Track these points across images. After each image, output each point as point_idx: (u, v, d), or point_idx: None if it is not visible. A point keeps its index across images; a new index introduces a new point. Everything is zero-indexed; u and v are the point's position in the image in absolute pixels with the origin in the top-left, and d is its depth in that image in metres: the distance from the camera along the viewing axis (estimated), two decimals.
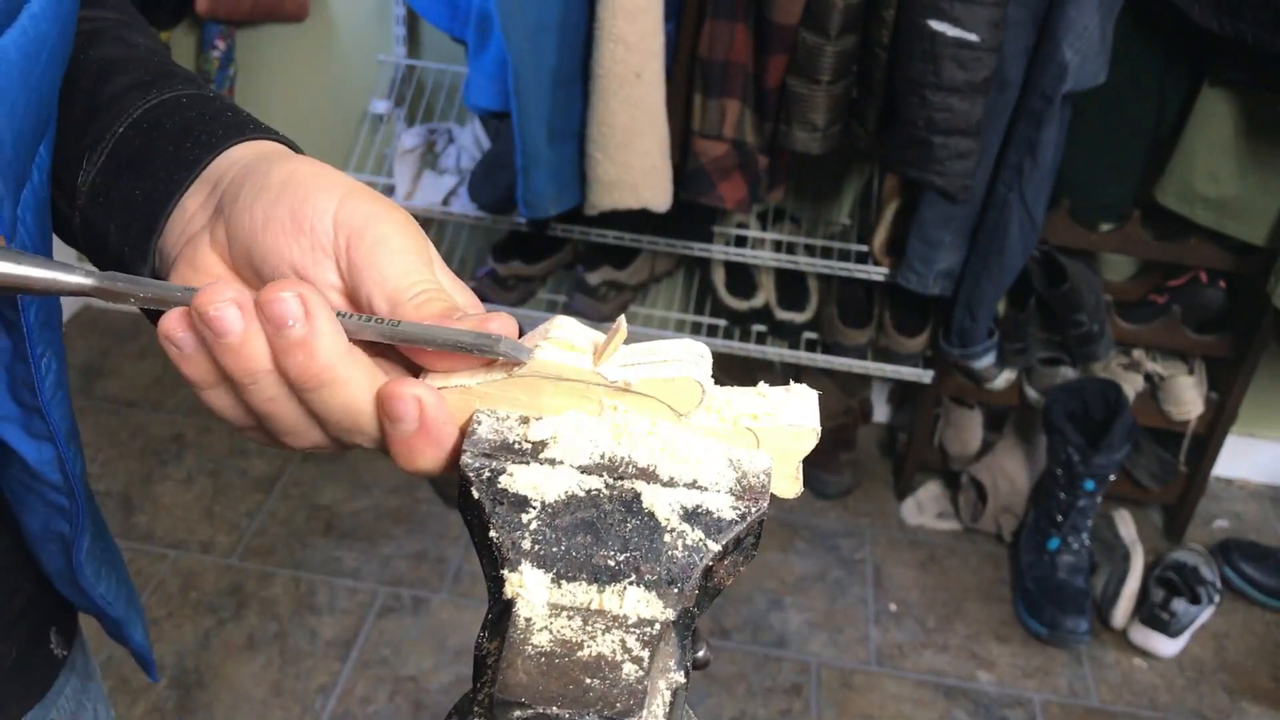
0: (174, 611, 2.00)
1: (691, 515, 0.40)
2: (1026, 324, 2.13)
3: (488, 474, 0.41)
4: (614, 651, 0.36)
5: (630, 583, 0.38)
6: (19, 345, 0.51)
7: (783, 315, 2.25)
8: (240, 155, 0.50)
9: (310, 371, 0.42)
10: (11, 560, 0.63)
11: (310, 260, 0.45)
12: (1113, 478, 2.14)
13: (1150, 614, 2.08)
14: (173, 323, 0.43)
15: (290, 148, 0.52)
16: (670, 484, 0.41)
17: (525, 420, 0.42)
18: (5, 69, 0.46)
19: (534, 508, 0.40)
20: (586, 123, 1.83)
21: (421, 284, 0.44)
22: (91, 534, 0.64)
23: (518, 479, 0.41)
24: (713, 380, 0.43)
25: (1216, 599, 2.13)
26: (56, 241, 0.54)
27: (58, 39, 0.50)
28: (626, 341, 0.43)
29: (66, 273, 0.42)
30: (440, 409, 0.42)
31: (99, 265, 0.51)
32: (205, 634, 1.97)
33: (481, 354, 0.41)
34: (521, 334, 0.43)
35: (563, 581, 0.38)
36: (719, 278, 2.28)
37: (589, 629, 0.37)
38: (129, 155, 0.51)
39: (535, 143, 1.83)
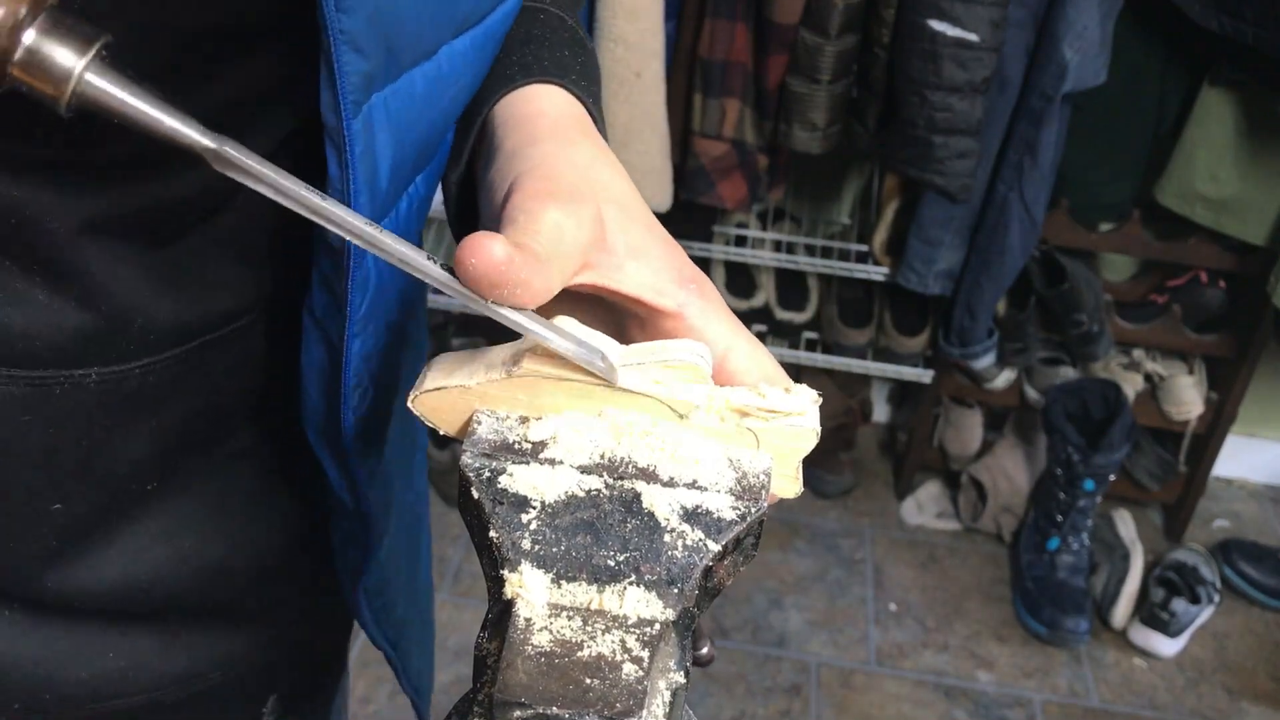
0: None
1: (691, 515, 0.40)
2: (1026, 324, 2.13)
3: (488, 474, 0.41)
4: (614, 651, 0.36)
5: (630, 583, 0.38)
6: (336, 370, 0.51)
7: (783, 315, 2.25)
8: (517, 114, 0.48)
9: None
10: (252, 619, 0.63)
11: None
12: (1113, 478, 2.14)
13: (1150, 614, 2.08)
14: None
15: (586, 107, 0.50)
16: (670, 484, 0.41)
17: (525, 420, 0.42)
18: (405, 102, 0.45)
19: (534, 508, 0.40)
20: None
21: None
22: (378, 577, 0.64)
23: (518, 479, 0.41)
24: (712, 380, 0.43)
25: (1216, 599, 2.13)
26: None
27: (470, 81, 0.49)
28: (626, 342, 0.43)
29: (185, 124, 0.38)
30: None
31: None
32: None
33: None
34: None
35: (563, 581, 0.38)
36: (719, 277, 2.28)
37: (589, 629, 0.37)
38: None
39: None
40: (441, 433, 0.44)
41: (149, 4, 0.40)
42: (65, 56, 0.35)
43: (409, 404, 0.44)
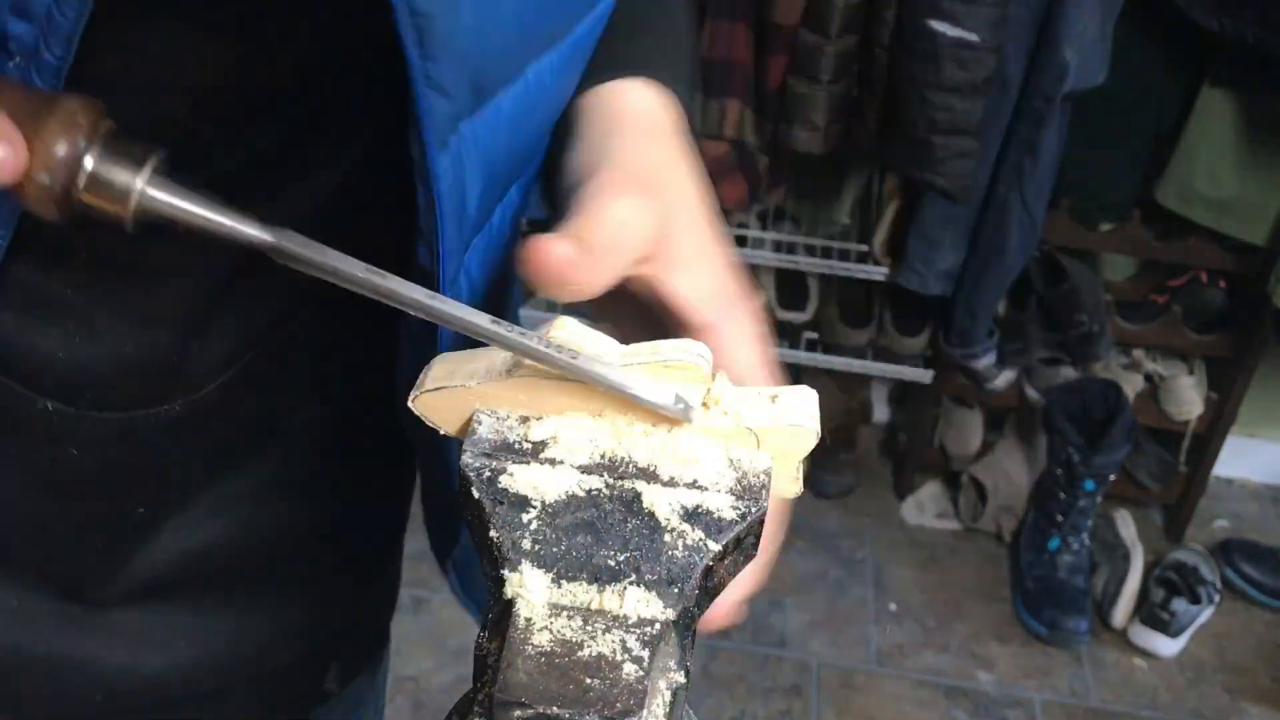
0: None
1: (691, 515, 0.40)
2: (1026, 324, 2.13)
3: (488, 474, 0.41)
4: (614, 651, 0.36)
5: (630, 582, 0.38)
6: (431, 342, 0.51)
7: (783, 315, 2.25)
8: (602, 107, 0.49)
9: None
10: (319, 597, 0.64)
11: None
12: (1113, 478, 2.14)
13: (1150, 614, 2.08)
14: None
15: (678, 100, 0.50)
16: (670, 484, 0.41)
17: (525, 420, 0.42)
18: (492, 128, 0.45)
19: (534, 507, 0.40)
20: None
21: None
22: (468, 550, 0.64)
23: (518, 479, 0.41)
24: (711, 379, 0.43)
25: (1216, 599, 2.13)
26: None
27: (560, 94, 0.49)
28: (626, 341, 0.43)
29: (243, 223, 0.40)
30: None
31: None
32: None
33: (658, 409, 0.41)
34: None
35: (563, 581, 0.38)
36: None
37: (589, 629, 0.37)
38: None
39: None
40: (442, 433, 0.44)
41: (229, 56, 0.42)
42: (125, 176, 0.38)
43: (409, 404, 0.44)
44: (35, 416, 0.49)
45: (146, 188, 0.38)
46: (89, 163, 0.38)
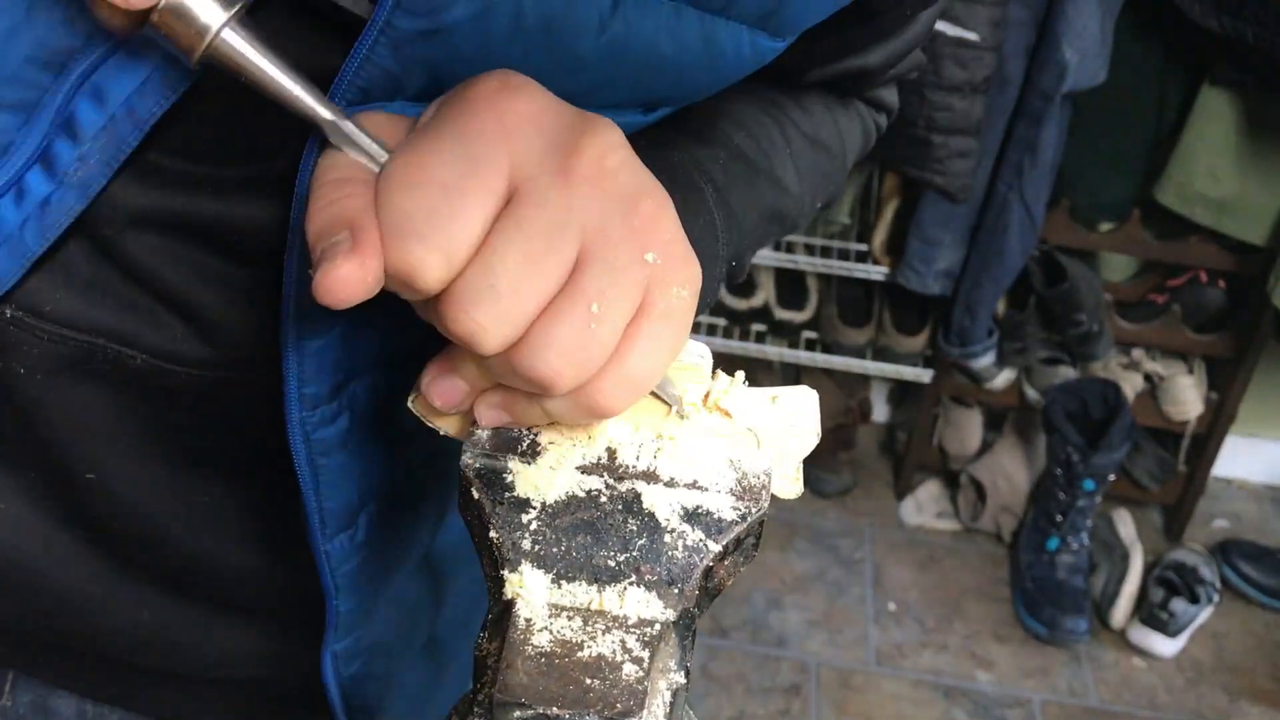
0: None
1: (692, 515, 0.40)
2: (1026, 323, 2.13)
3: (488, 474, 0.41)
4: (614, 652, 0.36)
5: (630, 583, 0.38)
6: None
7: (782, 314, 2.25)
8: None
9: None
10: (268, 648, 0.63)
11: None
12: (1112, 478, 2.14)
13: (1149, 614, 2.08)
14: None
15: None
16: (670, 484, 0.41)
17: None
18: None
19: (534, 508, 0.40)
20: None
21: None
22: (354, 641, 0.60)
23: (518, 479, 0.41)
24: (712, 379, 0.43)
25: (1216, 599, 2.13)
26: None
27: None
28: None
29: (311, 95, 0.39)
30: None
31: None
32: None
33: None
34: None
35: (563, 582, 0.38)
36: None
37: (589, 629, 0.37)
38: None
39: None
40: (442, 433, 0.44)
41: None
42: (207, 12, 0.37)
43: (409, 404, 0.44)
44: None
45: (224, 30, 0.38)
46: None
